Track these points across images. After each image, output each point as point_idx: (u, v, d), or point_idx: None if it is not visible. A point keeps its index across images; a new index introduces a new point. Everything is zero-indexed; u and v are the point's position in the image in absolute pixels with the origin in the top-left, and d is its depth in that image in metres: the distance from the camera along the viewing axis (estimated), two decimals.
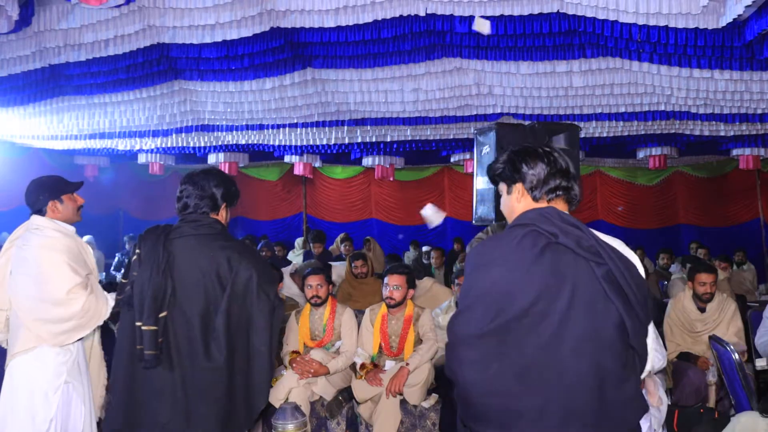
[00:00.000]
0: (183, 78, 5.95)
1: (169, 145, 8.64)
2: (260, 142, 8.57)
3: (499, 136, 4.25)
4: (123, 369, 2.39)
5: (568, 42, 4.99)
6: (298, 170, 9.66)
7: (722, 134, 7.65)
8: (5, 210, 8.45)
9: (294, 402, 3.36)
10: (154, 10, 4.57)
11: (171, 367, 2.32)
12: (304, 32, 4.94)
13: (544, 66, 5.37)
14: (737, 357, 3.38)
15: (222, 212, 2.56)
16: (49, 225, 2.86)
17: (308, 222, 12.19)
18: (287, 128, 7.57)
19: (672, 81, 5.46)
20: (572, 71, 5.46)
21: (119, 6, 4.41)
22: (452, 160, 10.06)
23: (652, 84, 5.65)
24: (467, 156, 9.35)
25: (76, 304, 2.73)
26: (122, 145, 8.94)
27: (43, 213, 2.89)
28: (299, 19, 4.68)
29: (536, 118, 6.51)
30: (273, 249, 8.54)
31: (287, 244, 9.61)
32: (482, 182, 4.60)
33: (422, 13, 4.57)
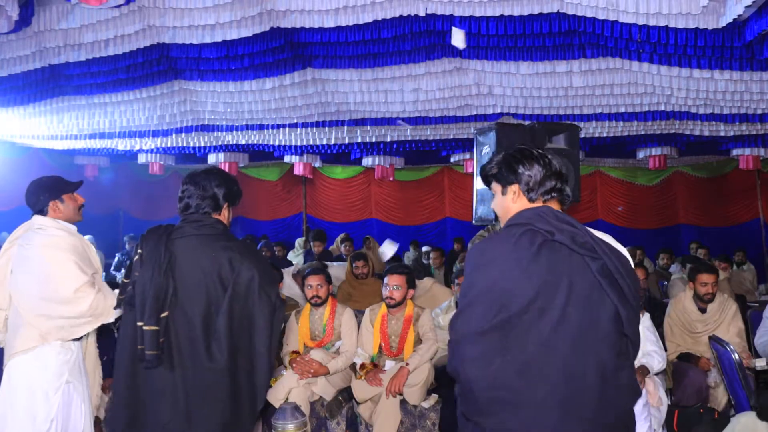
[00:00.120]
0: (183, 78, 5.95)
1: (169, 145, 8.64)
2: (260, 142, 8.56)
3: (499, 136, 4.25)
4: (125, 369, 2.39)
5: (568, 42, 4.99)
6: (298, 170, 9.66)
7: (722, 134, 7.65)
8: (5, 210, 8.45)
9: (294, 402, 3.36)
10: (154, 10, 4.57)
11: (172, 367, 2.32)
12: (304, 32, 4.94)
13: (544, 66, 5.37)
14: (737, 357, 3.37)
15: (224, 212, 2.56)
16: (53, 224, 2.86)
17: (308, 222, 12.19)
18: (287, 128, 7.57)
19: (672, 81, 5.46)
20: (572, 71, 5.46)
21: (119, 6, 4.41)
22: (452, 160, 10.05)
23: (652, 84, 5.65)
24: (467, 156, 9.34)
25: (84, 303, 2.73)
26: (122, 145, 8.94)
27: (45, 213, 2.89)
28: (299, 19, 4.68)
29: (536, 118, 6.51)
30: (273, 249, 8.54)
31: (287, 244, 9.60)
32: (482, 183, 4.61)
33: (422, 13, 4.57)
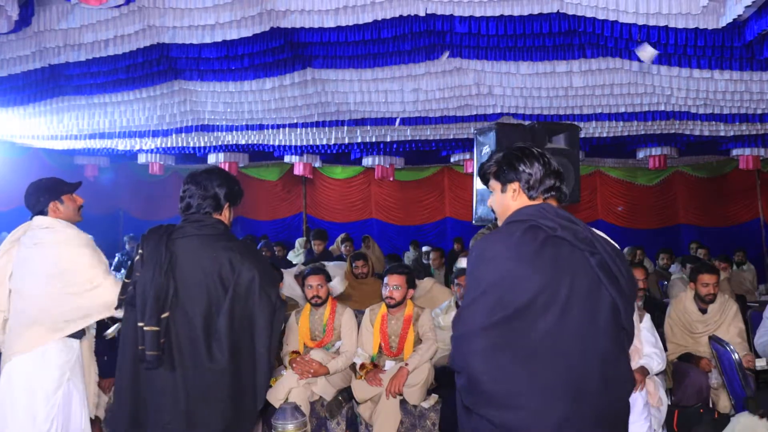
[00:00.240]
0: (183, 78, 5.95)
1: (169, 145, 8.64)
2: (260, 142, 8.56)
3: (499, 136, 4.25)
4: (127, 369, 2.39)
5: (568, 42, 4.98)
6: (298, 170, 9.65)
7: (722, 134, 7.64)
8: (5, 210, 8.44)
9: (294, 402, 3.36)
10: (154, 10, 4.56)
11: (173, 368, 2.32)
12: (304, 32, 4.93)
13: (544, 66, 5.37)
14: (737, 357, 3.37)
15: (225, 212, 2.56)
16: (58, 223, 2.86)
17: (308, 222, 12.18)
18: (287, 128, 7.56)
19: (672, 81, 5.46)
20: (572, 71, 5.45)
21: (119, 6, 4.41)
22: (452, 160, 10.05)
23: (652, 84, 5.65)
24: (467, 156, 9.34)
25: (108, 292, 2.77)
26: (122, 145, 8.93)
27: (45, 214, 2.89)
28: (299, 19, 4.68)
29: (536, 118, 6.51)
30: (273, 249, 8.54)
31: (287, 244, 9.60)
32: (480, 180, 4.61)
33: (422, 13, 4.57)
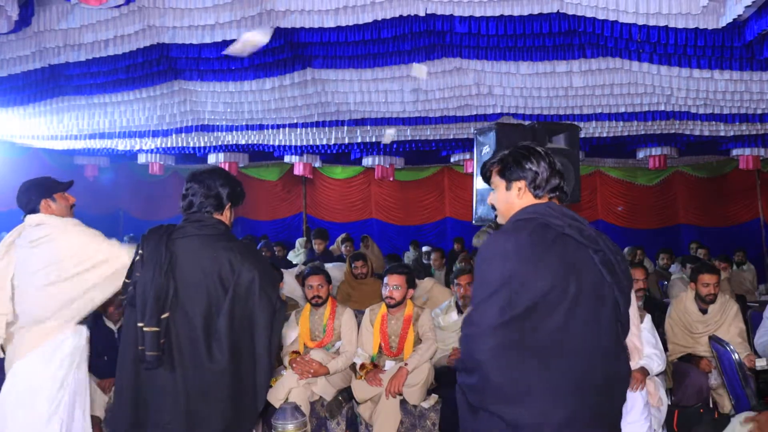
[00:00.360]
0: (183, 78, 5.95)
1: (169, 145, 8.63)
2: (260, 142, 8.56)
3: (499, 136, 4.24)
4: (128, 369, 2.39)
5: (568, 42, 4.99)
6: (298, 170, 9.65)
7: (722, 134, 7.65)
8: (5, 210, 8.44)
9: (294, 402, 3.36)
10: (154, 10, 4.57)
11: (173, 368, 2.32)
12: (304, 32, 4.94)
13: (544, 66, 5.37)
14: (737, 357, 3.37)
15: (226, 212, 2.56)
16: (49, 218, 2.84)
17: (308, 222, 12.19)
18: (287, 128, 7.56)
19: (672, 81, 5.46)
20: (572, 71, 5.45)
21: (119, 6, 4.41)
22: (452, 160, 10.04)
23: (652, 84, 5.65)
24: (467, 156, 9.33)
25: (119, 251, 2.78)
26: (122, 145, 8.93)
27: (37, 212, 2.87)
28: (299, 19, 4.68)
29: (536, 118, 6.51)
30: (273, 249, 8.54)
31: (287, 244, 9.59)
32: (482, 182, 4.60)
33: (422, 13, 4.57)
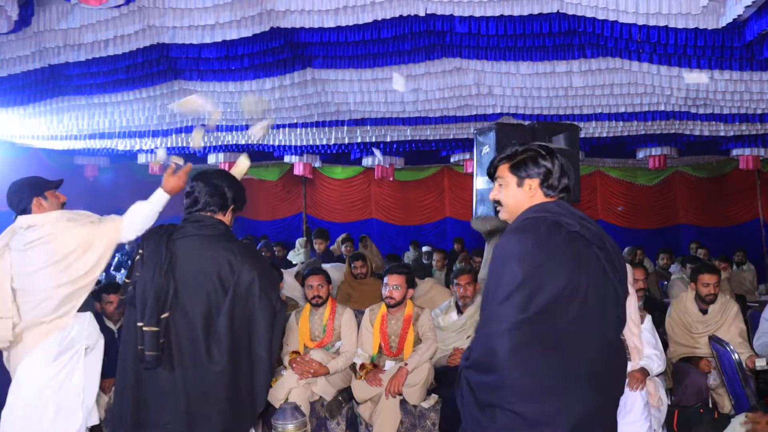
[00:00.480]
0: (183, 78, 5.94)
1: (169, 145, 8.63)
2: (260, 142, 8.56)
3: (499, 136, 4.25)
4: (129, 370, 2.39)
5: (568, 42, 4.98)
6: (298, 170, 9.64)
7: (722, 134, 7.64)
8: (5, 210, 8.44)
9: (294, 402, 3.36)
10: (154, 10, 4.56)
11: (172, 368, 2.32)
12: (304, 32, 4.93)
13: (544, 66, 5.37)
14: (737, 357, 3.37)
15: (228, 214, 2.57)
16: (40, 218, 2.84)
17: (308, 222, 12.18)
18: (287, 128, 7.57)
19: (672, 81, 5.45)
20: (572, 71, 5.45)
21: (119, 6, 4.41)
22: (452, 160, 10.04)
23: (652, 84, 5.64)
24: (467, 156, 9.33)
25: (113, 224, 2.94)
26: (122, 145, 8.93)
27: (29, 212, 2.88)
28: (299, 19, 4.68)
29: (536, 118, 6.51)
30: (273, 249, 8.54)
31: (287, 244, 9.60)
32: (482, 182, 4.61)
33: (422, 13, 4.57)
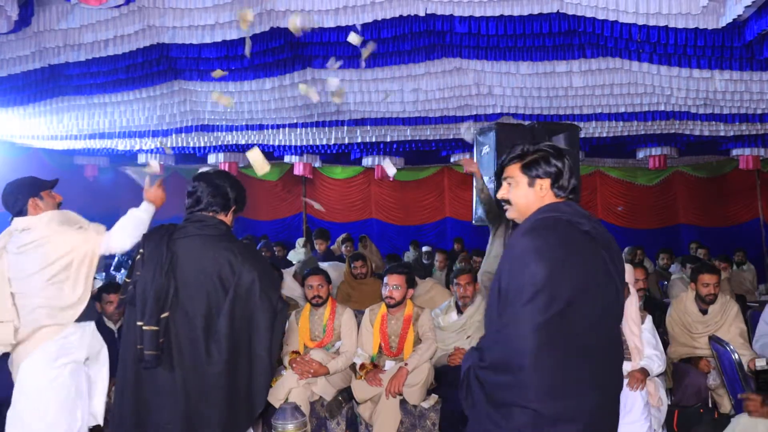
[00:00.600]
0: (183, 78, 5.95)
1: (169, 145, 8.64)
2: (260, 142, 8.56)
3: (499, 136, 4.25)
4: (129, 370, 2.39)
5: (568, 42, 4.98)
6: (298, 170, 9.65)
7: (722, 134, 7.65)
8: (5, 210, 8.44)
9: (294, 402, 3.36)
10: (154, 10, 4.57)
11: (171, 368, 2.32)
12: (304, 32, 4.94)
13: (544, 66, 5.37)
14: (737, 357, 3.37)
15: (229, 215, 2.57)
16: (36, 221, 2.84)
17: (308, 222, 12.19)
18: (287, 128, 7.57)
19: (672, 81, 5.46)
20: (572, 71, 5.45)
21: (119, 6, 4.42)
22: (452, 160, 10.05)
23: (652, 84, 5.65)
24: (467, 156, 9.34)
25: (100, 238, 2.88)
26: (122, 145, 8.93)
27: (24, 213, 2.87)
28: (299, 19, 4.68)
29: (536, 118, 6.51)
30: (273, 249, 8.54)
31: (287, 244, 9.59)
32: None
33: (422, 13, 4.57)
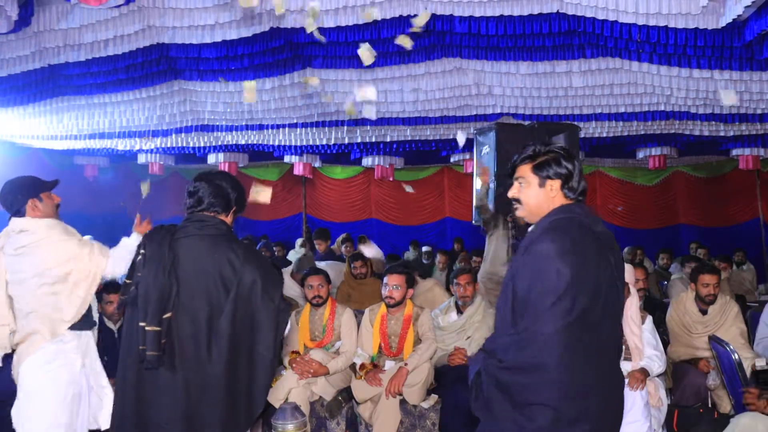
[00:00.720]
0: (183, 78, 5.95)
1: (169, 145, 8.63)
2: (260, 142, 8.55)
3: (499, 136, 4.25)
4: (131, 370, 2.38)
5: (568, 42, 4.99)
6: (298, 170, 9.64)
7: (722, 134, 7.65)
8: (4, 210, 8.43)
9: (294, 402, 3.36)
10: (154, 10, 4.57)
11: (173, 368, 2.32)
12: (304, 32, 4.94)
13: (544, 66, 5.37)
14: (737, 357, 3.37)
15: (230, 216, 2.57)
16: (33, 223, 2.83)
17: (308, 222, 12.19)
18: (287, 128, 7.57)
19: (672, 81, 5.46)
20: (572, 71, 5.46)
21: (119, 6, 4.42)
22: (452, 160, 10.05)
23: (652, 84, 5.65)
24: (467, 156, 9.32)
25: (93, 265, 2.82)
26: (122, 145, 8.93)
27: (23, 213, 2.85)
28: (299, 20, 4.68)
29: (536, 118, 6.51)
30: (272, 249, 8.53)
31: (287, 244, 9.59)
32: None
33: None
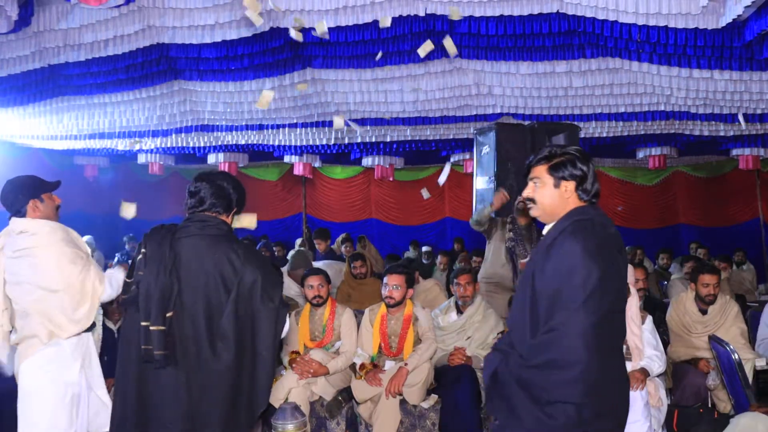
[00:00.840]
0: (183, 78, 5.95)
1: (169, 145, 8.64)
2: (260, 142, 8.56)
3: (499, 136, 4.25)
4: (131, 370, 2.38)
5: (568, 42, 4.99)
6: (298, 170, 9.65)
7: (722, 134, 7.65)
8: (5, 210, 8.43)
9: (294, 402, 3.36)
10: (154, 10, 4.57)
11: (176, 367, 2.32)
12: (304, 32, 4.94)
13: (544, 66, 5.37)
14: (737, 357, 3.37)
15: (231, 216, 2.58)
16: (33, 225, 2.82)
17: (308, 222, 12.19)
18: (287, 128, 7.57)
19: (672, 81, 5.46)
20: (572, 71, 5.46)
21: (119, 6, 4.42)
22: (452, 160, 10.05)
23: (652, 84, 5.65)
24: (467, 156, 9.34)
25: (89, 283, 2.80)
26: (122, 145, 8.93)
27: (23, 214, 2.85)
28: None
29: (536, 118, 6.51)
30: (272, 249, 8.53)
31: (287, 244, 9.59)
32: (482, 182, 4.61)
33: (422, 13, 4.58)
